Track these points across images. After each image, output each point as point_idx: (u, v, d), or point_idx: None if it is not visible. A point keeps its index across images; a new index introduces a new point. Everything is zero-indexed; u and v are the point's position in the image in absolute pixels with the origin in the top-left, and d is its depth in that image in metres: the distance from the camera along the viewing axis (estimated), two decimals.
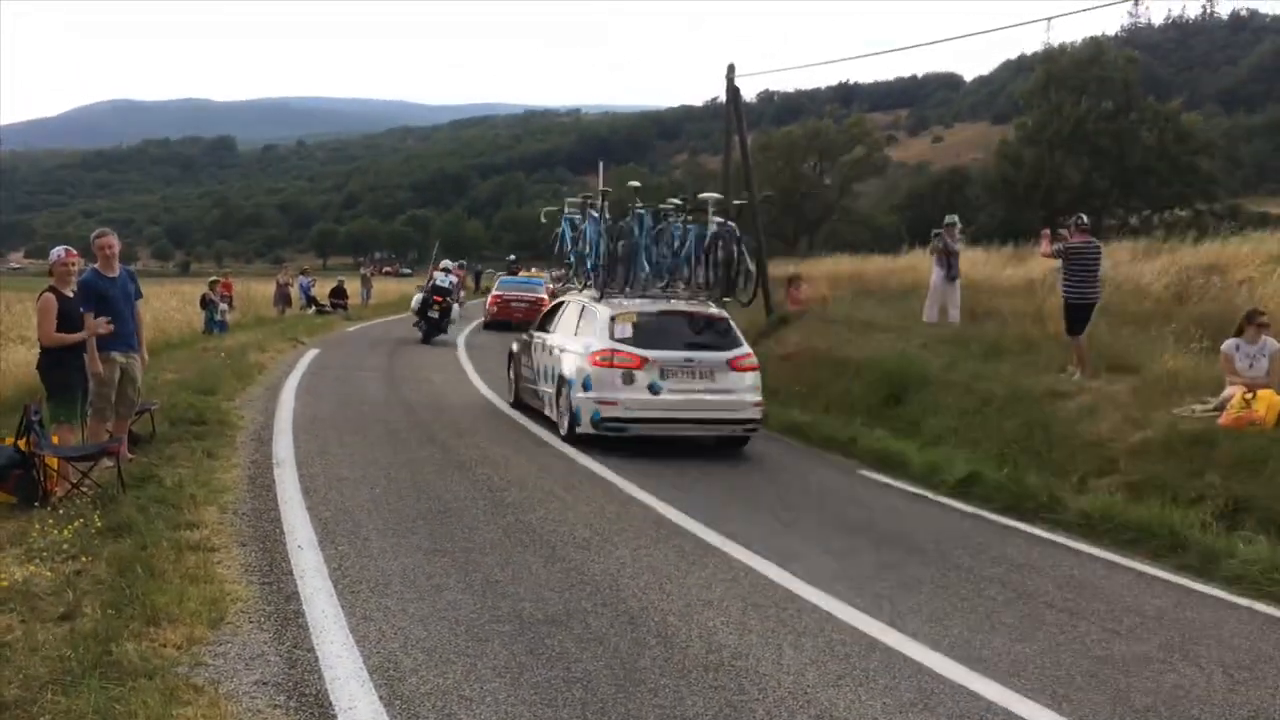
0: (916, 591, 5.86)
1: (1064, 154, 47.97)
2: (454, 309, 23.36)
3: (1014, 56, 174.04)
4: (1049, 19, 28.11)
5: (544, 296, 25.10)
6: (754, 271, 12.41)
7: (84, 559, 5.51)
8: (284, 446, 9.32)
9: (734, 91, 17.52)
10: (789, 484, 8.93)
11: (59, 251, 7.73)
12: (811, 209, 65.67)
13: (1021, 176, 48.38)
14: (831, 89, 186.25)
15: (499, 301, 27.85)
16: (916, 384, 11.74)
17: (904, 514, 7.97)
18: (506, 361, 13.91)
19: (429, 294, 22.63)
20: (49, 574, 5.29)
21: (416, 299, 23.31)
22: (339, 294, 33.12)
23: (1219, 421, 8.45)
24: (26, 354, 11.76)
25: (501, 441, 10.32)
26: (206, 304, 22.39)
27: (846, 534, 7.18)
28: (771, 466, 9.79)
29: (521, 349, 12.96)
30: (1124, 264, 17.23)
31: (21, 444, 6.74)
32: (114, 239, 8.03)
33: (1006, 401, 10.43)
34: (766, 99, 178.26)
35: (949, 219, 15.66)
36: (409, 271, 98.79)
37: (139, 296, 8.37)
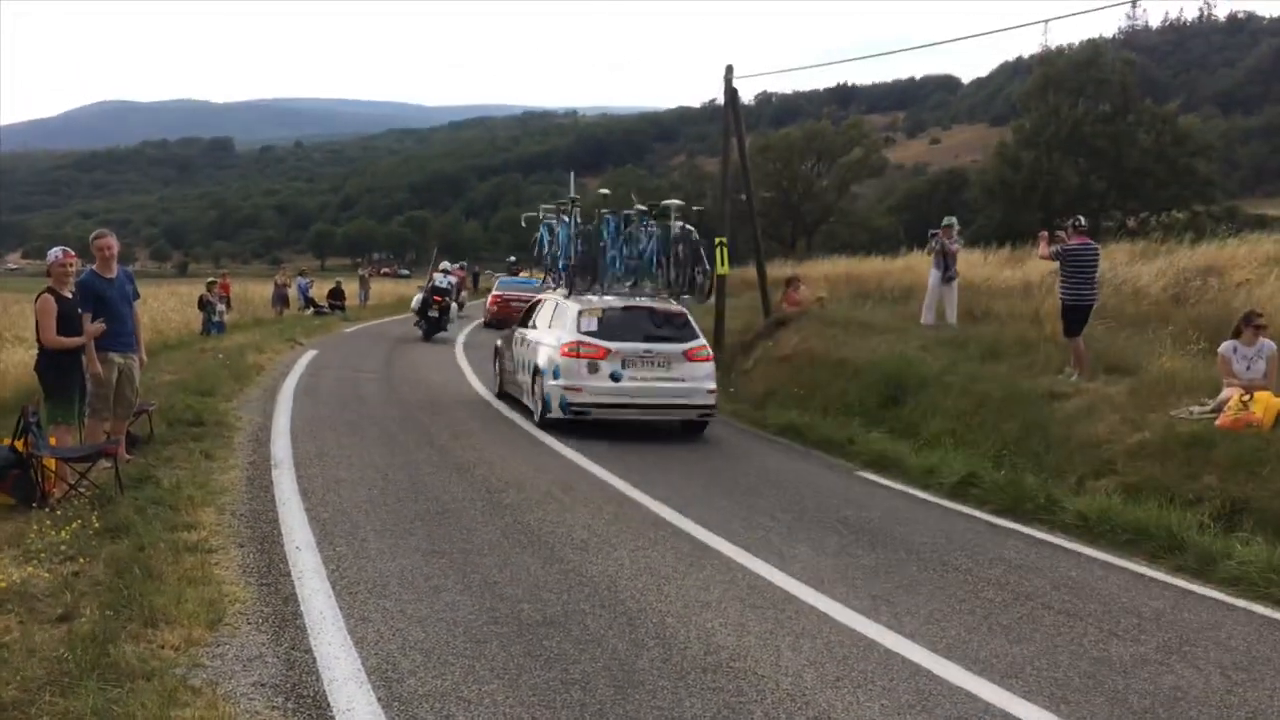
0: (914, 593, 5.86)
1: (1061, 156, 47.91)
2: (453, 308, 24.16)
3: (1011, 59, 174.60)
4: (1046, 21, 28.09)
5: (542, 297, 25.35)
6: (710, 270, 13.21)
7: (82, 560, 5.51)
8: (282, 448, 9.33)
9: (732, 93, 17.51)
10: (787, 485, 8.93)
11: (57, 252, 7.73)
12: (809, 210, 65.62)
13: (1019, 178, 48.32)
14: (829, 91, 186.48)
15: (499, 301, 27.99)
16: (914, 385, 11.74)
17: (902, 515, 7.97)
18: (492, 356, 14.73)
19: (429, 294, 23.44)
20: (47, 575, 5.29)
21: (417, 299, 24.16)
22: (337, 295, 33.14)
23: (1216, 423, 8.45)
24: (24, 355, 11.75)
25: (499, 442, 10.32)
26: (204, 305, 22.39)
27: (844, 535, 7.18)
28: (769, 468, 9.80)
29: (505, 343, 13.84)
30: (1121, 266, 17.25)
31: (19, 445, 6.74)
32: (113, 240, 8.04)
33: (1004, 403, 10.43)
34: (764, 101, 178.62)
35: (946, 220, 15.66)
36: (407, 273, 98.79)
37: (136, 297, 8.38)
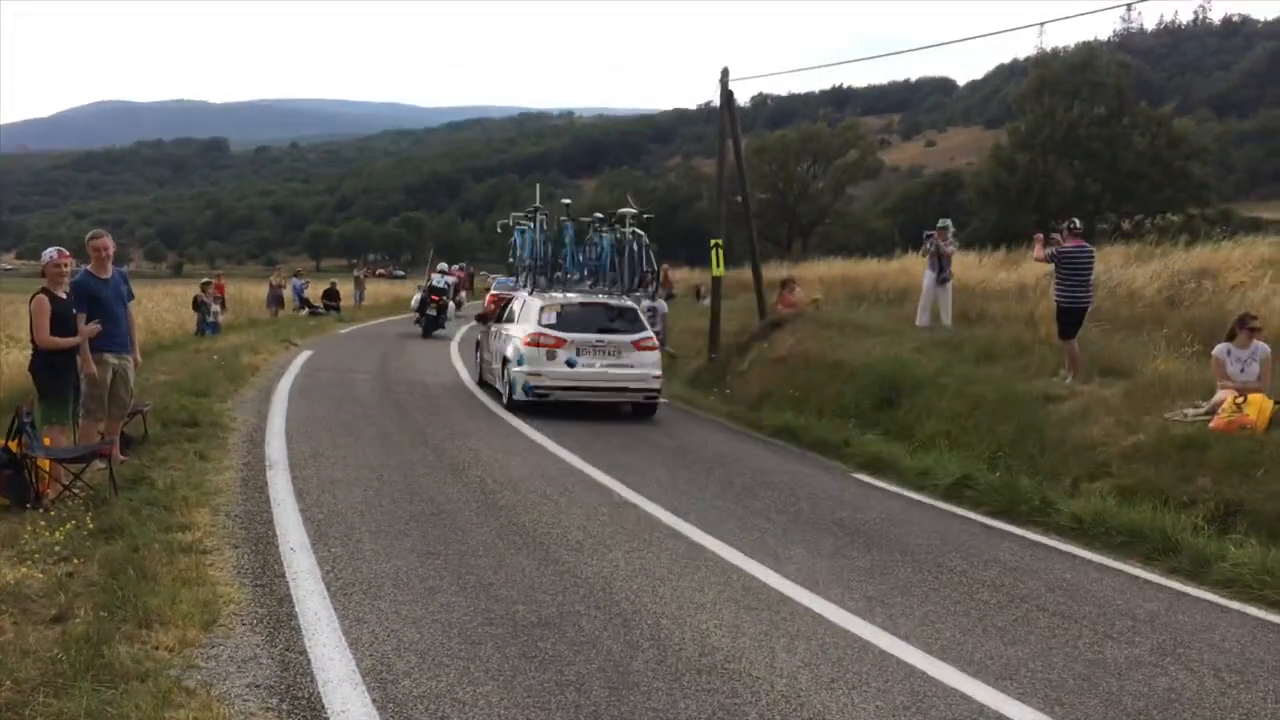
0: (909, 595, 5.87)
1: (1056, 158, 47.98)
2: (450, 307, 26.05)
3: (1007, 61, 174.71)
4: (1041, 24, 28.21)
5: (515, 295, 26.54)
6: (656, 270, 14.87)
7: (76, 561, 5.49)
8: (277, 448, 9.31)
9: (728, 95, 17.53)
10: (782, 487, 8.93)
11: (51, 253, 7.71)
12: (805, 212, 65.74)
13: (1014, 181, 48.39)
14: (825, 93, 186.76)
15: (496, 301, 28.27)
16: (909, 387, 11.75)
17: (897, 517, 7.98)
18: (475, 349, 16.17)
19: (426, 294, 25.37)
20: (41, 576, 5.27)
21: (416, 298, 26.19)
22: (332, 296, 33.12)
23: (1210, 425, 8.47)
24: (18, 355, 11.72)
25: (494, 443, 10.32)
26: (199, 305, 22.34)
27: (839, 537, 7.18)
28: (765, 469, 9.80)
29: (484, 337, 15.35)
30: (1116, 268, 17.29)
31: (13, 445, 6.72)
32: (109, 240, 8.05)
33: (999, 405, 10.45)
34: (760, 102, 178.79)
35: (941, 222, 15.69)
36: (402, 274, 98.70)
37: (131, 298, 8.37)
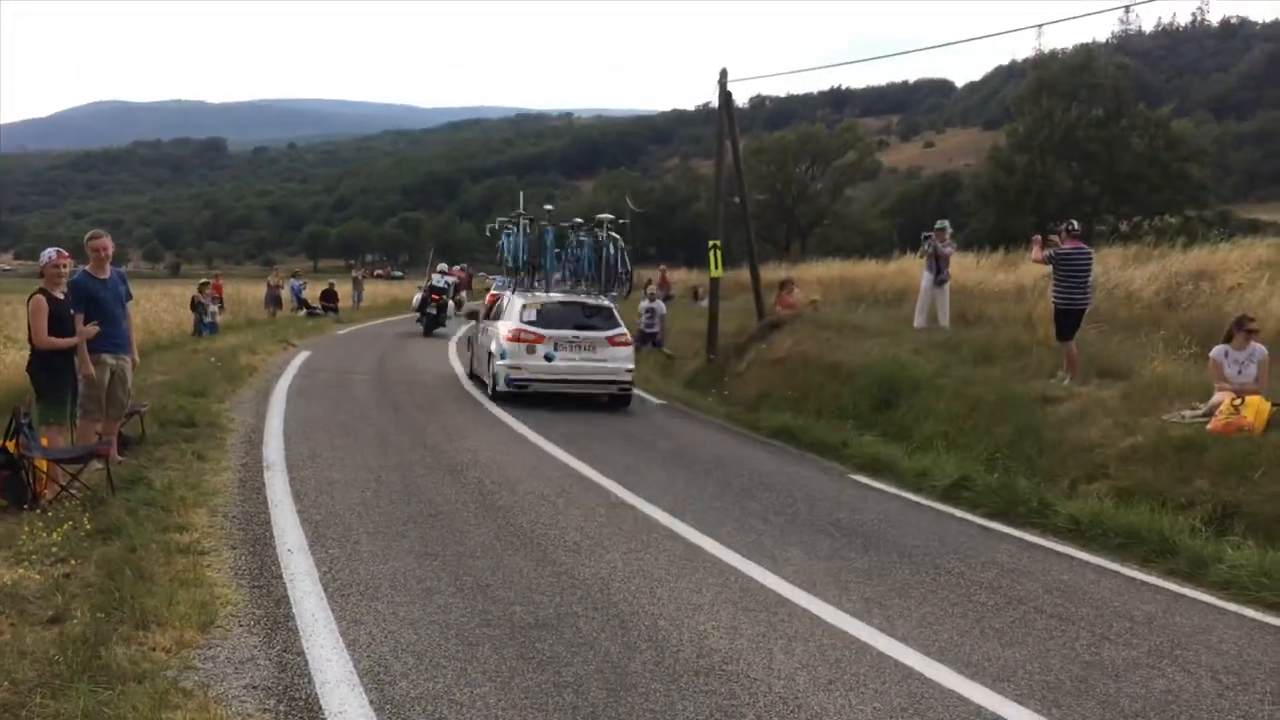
0: (907, 596, 5.87)
1: (1055, 160, 48.05)
2: (450, 305, 27.26)
3: (1005, 62, 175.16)
4: (1040, 25, 28.28)
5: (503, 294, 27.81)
6: (630, 271, 15.84)
7: (73, 562, 5.48)
8: (274, 449, 9.30)
9: (726, 96, 17.55)
10: (780, 488, 8.93)
11: (50, 253, 7.69)
12: (803, 213, 65.78)
13: (1012, 182, 48.46)
14: (823, 94, 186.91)
15: (495, 300, 28.54)
16: (907, 389, 11.76)
17: (894, 519, 7.98)
18: (466, 344, 17.33)
19: (427, 293, 26.64)
20: (38, 577, 5.26)
21: (417, 298, 27.52)
22: (330, 297, 33.10)
23: (1208, 427, 8.48)
24: (16, 355, 11.71)
25: (492, 445, 10.31)
26: (196, 306, 22.31)
27: (837, 538, 7.19)
28: (762, 470, 9.80)
29: (472, 333, 16.56)
30: (1114, 270, 17.33)
31: (10, 446, 6.71)
32: (108, 241, 8.05)
33: (997, 406, 10.46)
34: (758, 104, 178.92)
35: (939, 223, 15.70)
36: (400, 274, 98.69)
37: (129, 298, 8.36)
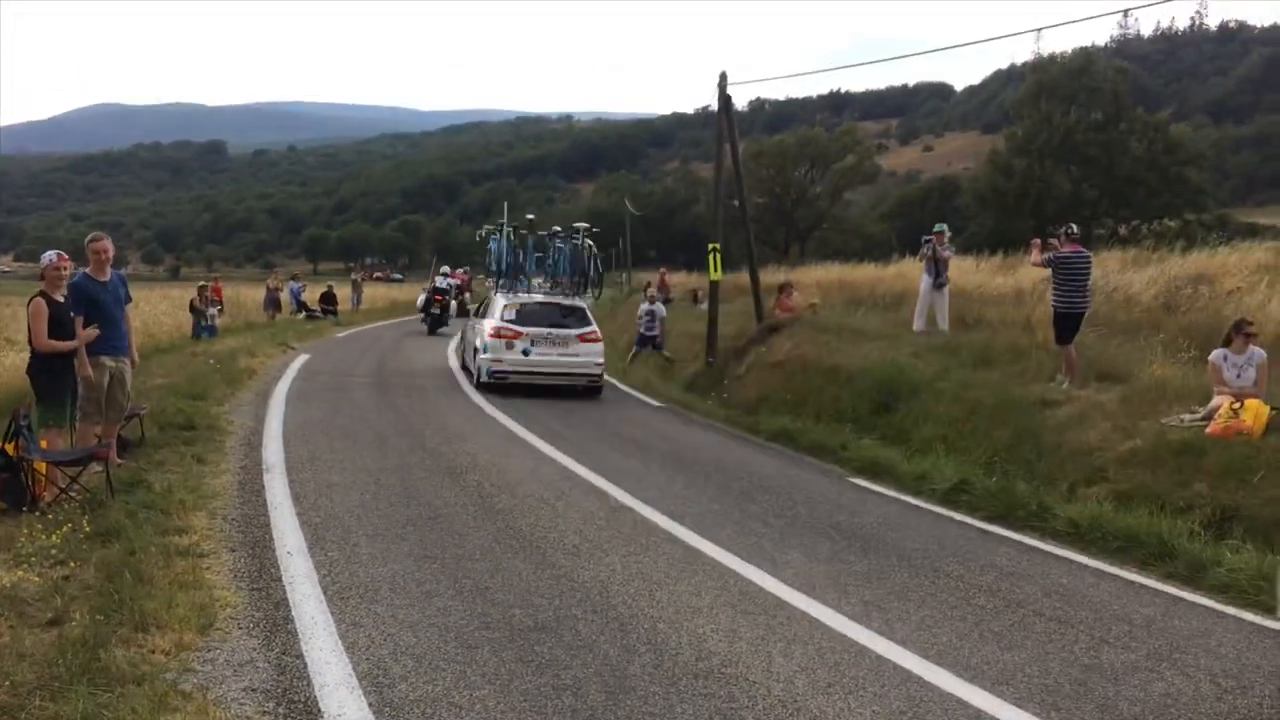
0: (906, 599, 5.87)
1: (1053, 164, 48.09)
2: (452, 306, 29.34)
3: (1004, 66, 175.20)
4: (1039, 29, 28.33)
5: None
6: (602, 274, 18.17)
7: (72, 564, 5.48)
8: (274, 452, 9.30)
9: (725, 100, 17.57)
10: (779, 491, 8.93)
11: (51, 256, 7.68)
12: (802, 217, 65.86)
13: (1011, 186, 48.50)
14: (823, 97, 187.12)
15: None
16: (906, 392, 11.77)
17: (894, 522, 7.98)
18: (459, 339, 19.49)
19: (430, 295, 28.52)
20: (37, 579, 5.26)
21: (421, 298, 29.45)
22: (329, 299, 33.07)
23: (1207, 431, 8.49)
24: (15, 358, 11.70)
25: (491, 448, 10.32)
26: (196, 309, 22.30)
27: (836, 541, 7.19)
28: (762, 474, 9.80)
29: (465, 329, 18.21)
30: (1113, 273, 17.33)
31: (10, 448, 6.72)
32: (108, 243, 8.05)
33: (995, 410, 10.46)
34: (758, 107, 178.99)
35: (938, 227, 15.72)
36: (400, 277, 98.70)
37: (129, 301, 8.36)
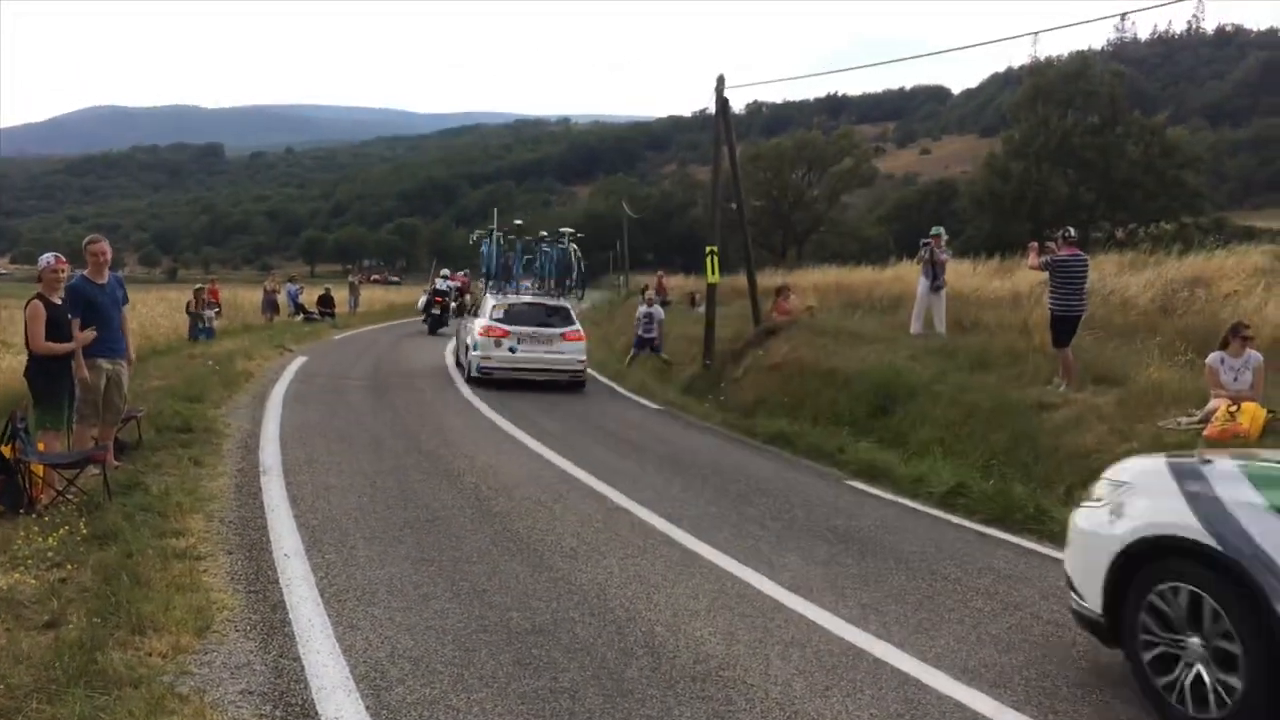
0: (903, 602, 5.87)
1: (1050, 167, 48.18)
2: (452, 306, 30.06)
3: (1001, 70, 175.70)
4: (1036, 33, 28.46)
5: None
6: (584, 276, 19.98)
7: (69, 567, 5.47)
8: (271, 454, 9.30)
9: (723, 103, 17.60)
10: (776, 494, 8.93)
11: (49, 259, 7.67)
12: (800, 220, 65.89)
13: (1008, 189, 48.56)
14: (820, 101, 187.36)
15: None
16: (903, 395, 11.78)
17: (891, 524, 7.98)
18: (456, 340, 20.75)
19: (431, 296, 29.56)
20: (34, 582, 5.25)
21: (422, 300, 30.68)
22: (326, 302, 33.06)
23: (1204, 434, 8.51)
24: (12, 360, 11.69)
25: (488, 450, 10.31)
26: (192, 311, 22.27)
27: (833, 544, 7.19)
28: (759, 476, 9.80)
29: (460, 328, 19.65)
30: (1110, 276, 17.37)
31: (7, 451, 6.71)
32: (106, 246, 8.06)
33: (993, 413, 10.47)
34: (755, 110, 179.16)
35: (935, 230, 15.74)
36: (397, 280, 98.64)
37: (126, 303, 8.36)
